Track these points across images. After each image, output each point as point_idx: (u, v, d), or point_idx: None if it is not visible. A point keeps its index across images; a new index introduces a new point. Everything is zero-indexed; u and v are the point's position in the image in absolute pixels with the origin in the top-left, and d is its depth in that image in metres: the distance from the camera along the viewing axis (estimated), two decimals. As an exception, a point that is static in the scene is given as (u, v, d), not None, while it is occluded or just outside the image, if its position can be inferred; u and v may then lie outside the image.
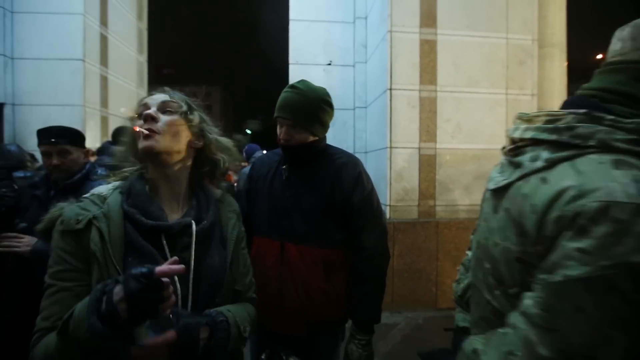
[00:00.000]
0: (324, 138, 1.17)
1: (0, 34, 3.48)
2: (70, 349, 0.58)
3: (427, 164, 2.83)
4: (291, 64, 3.59)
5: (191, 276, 0.71)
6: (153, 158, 0.73)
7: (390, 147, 2.79)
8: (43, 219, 0.72)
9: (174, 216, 0.76)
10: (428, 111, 2.83)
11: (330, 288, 1.08)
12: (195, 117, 0.79)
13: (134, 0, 4.85)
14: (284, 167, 1.15)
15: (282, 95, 1.12)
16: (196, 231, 0.73)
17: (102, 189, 0.76)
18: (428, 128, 2.84)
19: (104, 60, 4.03)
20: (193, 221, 0.74)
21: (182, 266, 0.57)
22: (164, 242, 0.71)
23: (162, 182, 0.76)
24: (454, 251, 2.79)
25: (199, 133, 0.79)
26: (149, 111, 0.72)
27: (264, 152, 3.72)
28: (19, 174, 2.39)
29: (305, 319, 1.08)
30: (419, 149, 2.83)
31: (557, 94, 3.22)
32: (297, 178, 1.13)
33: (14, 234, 1.32)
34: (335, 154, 1.17)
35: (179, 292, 0.69)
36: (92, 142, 3.76)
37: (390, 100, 2.80)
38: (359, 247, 1.11)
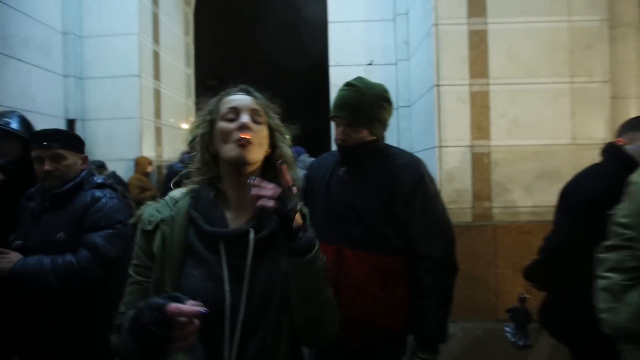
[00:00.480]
0: (383, 137, 1.11)
1: (72, 58, 3.89)
2: (121, 352, 0.63)
3: (481, 162, 2.64)
4: (331, 66, 3.58)
5: (245, 286, 0.69)
6: (239, 167, 0.73)
7: (440, 147, 2.65)
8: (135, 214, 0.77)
9: (237, 223, 0.75)
10: (480, 106, 2.64)
11: (388, 297, 1.02)
12: (273, 125, 0.79)
13: (182, 17, 5.17)
14: (342, 168, 1.10)
15: (339, 93, 1.08)
16: (254, 240, 0.71)
17: (177, 192, 0.78)
18: (480, 124, 2.65)
19: (156, 74, 4.33)
20: (251, 229, 0.72)
21: (198, 309, 0.53)
22: (222, 248, 0.70)
23: (231, 189, 0.76)
24: (515, 257, 2.56)
25: (272, 141, 0.79)
26: (245, 121, 0.72)
27: (307, 154, 3.69)
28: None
29: (362, 328, 1.03)
30: (471, 147, 2.65)
31: (633, 79, 2.84)
32: (354, 180, 1.08)
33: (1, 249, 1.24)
34: (395, 154, 1.11)
35: (227, 302, 0.67)
36: (148, 151, 4.05)
37: (438, 97, 2.66)
38: (422, 256, 1.03)
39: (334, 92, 3.63)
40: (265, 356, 0.68)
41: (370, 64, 3.54)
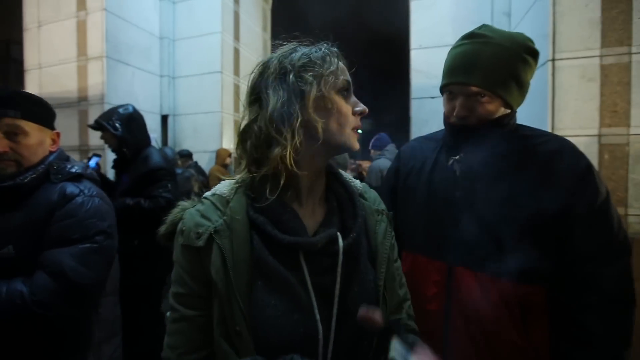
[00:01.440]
0: (515, 112, 0.81)
1: (166, 59, 4.29)
2: None
3: (614, 156, 2.04)
4: (413, 49, 3.22)
5: (335, 309, 0.52)
6: (340, 153, 0.61)
7: (553, 136, 2.12)
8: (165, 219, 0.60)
9: (310, 222, 0.57)
10: (616, 84, 2.03)
11: (526, 344, 0.71)
12: None
13: (260, 14, 5.32)
14: (455, 157, 0.81)
15: (455, 51, 0.79)
16: (343, 247, 0.53)
17: (224, 187, 0.60)
18: (615, 107, 2.04)
19: (236, 70, 4.53)
20: (339, 234, 0.54)
21: None
22: (303, 262, 0.52)
23: (306, 177, 0.58)
24: (662, 283, 1.91)
25: None
26: (365, 108, 0.58)
27: (394, 145, 3.35)
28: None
29: None
30: (600, 136, 2.06)
31: None
32: (475, 172, 0.79)
33: None
34: (536, 135, 0.79)
35: (320, 335, 0.50)
36: (227, 143, 4.27)
37: (553, 74, 2.13)
38: (586, 287, 0.71)
39: (415, 78, 3.27)
40: None
41: (459, 42, 3.08)
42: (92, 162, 2.07)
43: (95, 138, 3.40)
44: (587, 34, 2.06)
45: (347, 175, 0.66)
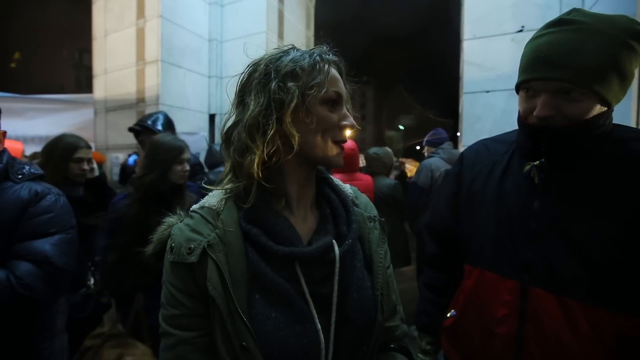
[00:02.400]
0: (613, 110, 0.69)
1: (214, 61, 4.48)
2: None
3: None
4: (466, 39, 2.99)
5: (333, 319, 0.51)
6: (313, 167, 0.60)
7: (639, 134, 1.83)
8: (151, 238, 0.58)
9: (302, 230, 0.56)
10: None
11: None
12: None
13: (304, 12, 5.33)
14: (534, 163, 0.71)
15: (537, 41, 0.68)
16: (339, 254, 0.53)
17: (213, 199, 0.58)
18: None
19: (280, 69, 4.59)
20: (335, 241, 0.53)
21: None
22: (300, 273, 0.51)
23: (294, 186, 0.57)
24: None
25: None
26: (353, 122, 0.56)
27: (451, 143, 3.08)
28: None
29: None
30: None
31: None
32: (558, 182, 0.70)
33: None
34: (634, 139, 0.67)
35: (322, 345, 0.49)
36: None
37: (641, 61, 1.82)
38: None
39: (468, 71, 3.04)
40: None
41: (520, 30, 2.79)
42: (131, 160, 2.21)
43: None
44: (688, 11, 1.73)
45: (337, 180, 0.66)
